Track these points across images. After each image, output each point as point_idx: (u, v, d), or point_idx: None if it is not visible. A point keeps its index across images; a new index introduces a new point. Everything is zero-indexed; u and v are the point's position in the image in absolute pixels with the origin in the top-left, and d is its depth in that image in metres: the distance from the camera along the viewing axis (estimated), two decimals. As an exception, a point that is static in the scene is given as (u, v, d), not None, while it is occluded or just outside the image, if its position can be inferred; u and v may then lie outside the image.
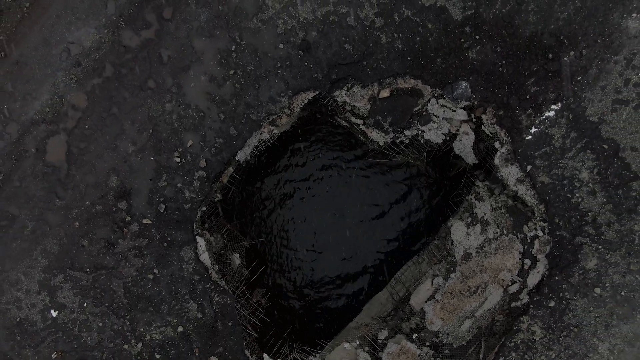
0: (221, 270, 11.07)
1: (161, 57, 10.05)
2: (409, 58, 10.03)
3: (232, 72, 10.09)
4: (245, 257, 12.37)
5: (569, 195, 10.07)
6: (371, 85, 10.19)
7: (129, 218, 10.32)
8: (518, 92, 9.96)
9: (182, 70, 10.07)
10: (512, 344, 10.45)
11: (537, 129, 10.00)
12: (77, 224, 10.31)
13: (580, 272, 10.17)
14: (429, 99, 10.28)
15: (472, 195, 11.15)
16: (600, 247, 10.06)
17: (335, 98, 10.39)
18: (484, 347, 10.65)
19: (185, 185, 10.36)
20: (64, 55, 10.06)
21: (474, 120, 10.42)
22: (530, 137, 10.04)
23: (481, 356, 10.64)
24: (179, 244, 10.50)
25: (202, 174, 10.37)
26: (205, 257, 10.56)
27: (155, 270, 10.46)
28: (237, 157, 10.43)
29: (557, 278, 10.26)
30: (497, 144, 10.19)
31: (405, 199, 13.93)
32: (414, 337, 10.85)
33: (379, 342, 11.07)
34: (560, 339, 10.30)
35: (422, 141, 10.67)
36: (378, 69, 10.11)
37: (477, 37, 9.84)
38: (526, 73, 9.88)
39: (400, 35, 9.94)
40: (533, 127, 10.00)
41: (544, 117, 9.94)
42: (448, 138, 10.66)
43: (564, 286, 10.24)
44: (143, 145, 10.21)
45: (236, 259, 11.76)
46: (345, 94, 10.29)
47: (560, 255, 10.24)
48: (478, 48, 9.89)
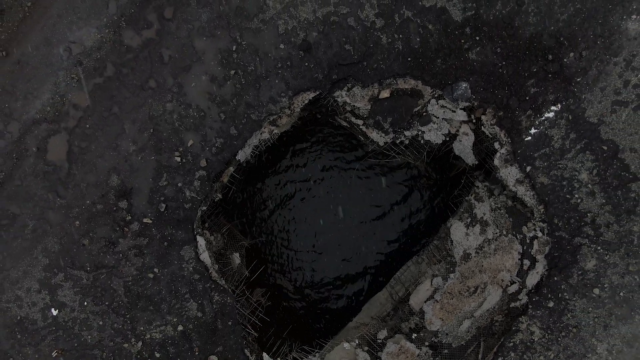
0: (221, 269, 11.09)
1: (162, 56, 10.07)
2: (409, 59, 10.06)
3: (232, 72, 10.11)
4: (245, 256, 12.40)
5: (568, 196, 10.09)
6: (371, 86, 10.21)
7: (130, 217, 10.35)
8: (518, 93, 9.98)
9: (183, 70, 10.09)
10: (511, 344, 10.47)
11: (536, 130, 10.02)
12: (77, 223, 10.34)
13: (579, 272, 10.19)
14: (429, 100, 10.30)
15: (471, 195, 11.17)
16: (599, 248, 10.08)
17: (336, 98, 10.41)
18: (482, 347, 10.66)
19: (185, 185, 10.39)
20: (66, 54, 10.09)
21: (474, 121, 10.44)
22: (529, 138, 10.06)
23: (480, 356, 10.65)
24: (179, 243, 10.53)
25: (203, 173, 10.40)
26: (205, 256, 10.58)
27: (156, 270, 10.48)
28: (238, 157, 10.46)
29: (556, 279, 10.28)
30: (496, 145, 10.22)
31: (405, 200, 13.96)
32: (413, 337, 10.87)
33: (378, 341, 11.09)
34: (559, 339, 10.32)
35: (422, 142, 10.69)
36: (378, 69, 10.13)
37: (477, 38, 9.86)
38: (526, 74, 9.90)
39: (400, 36, 9.96)
40: (533, 128, 10.02)
41: (543, 118, 9.96)
42: (448, 139, 10.68)
43: (562, 287, 10.26)
44: (144, 144, 10.23)
45: (236, 258, 11.78)
46: (346, 94, 10.31)
47: (559, 256, 10.26)
48: (478, 49, 9.91)
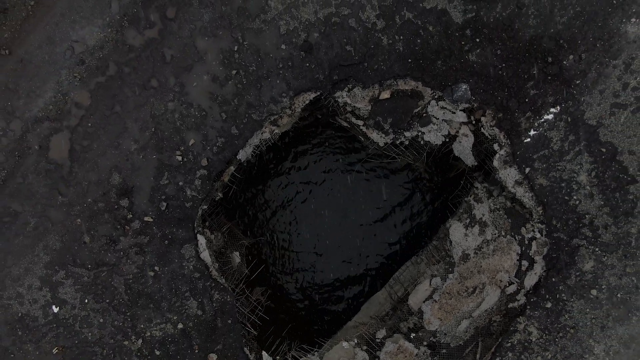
0: (221, 268, 11.14)
1: (164, 56, 10.12)
2: (409, 60, 10.11)
3: (234, 72, 10.16)
4: (245, 255, 12.45)
5: (566, 197, 10.14)
6: (372, 87, 10.25)
7: (131, 215, 10.40)
8: (517, 95, 10.03)
9: (185, 69, 10.14)
10: (509, 344, 10.52)
11: (536, 132, 10.07)
12: (79, 220, 10.39)
13: (577, 274, 10.24)
14: (429, 101, 10.34)
15: (470, 196, 11.21)
16: (597, 249, 10.13)
17: (336, 99, 10.46)
18: (480, 347, 10.71)
19: (186, 184, 10.44)
20: (68, 53, 10.14)
21: (474, 122, 10.48)
22: (529, 139, 10.10)
23: (478, 356, 10.70)
24: (180, 242, 10.58)
25: (204, 172, 10.45)
26: (205, 255, 10.63)
27: (156, 268, 10.53)
28: (239, 156, 10.51)
29: (554, 279, 10.33)
30: (496, 146, 10.26)
31: (404, 201, 14.00)
32: (411, 336, 10.92)
33: (377, 341, 11.13)
34: (557, 339, 10.37)
35: (422, 142, 10.73)
36: (379, 70, 10.18)
37: (478, 40, 9.91)
38: (526, 76, 9.95)
39: (401, 37, 10.01)
40: (532, 130, 10.07)
41: (542, 120, 10.01)
42: (447, 140, 10.71)
43: (560, 288, 10.31)
44: (145, 143, 10.28)
45: (236, 257, 11.83)
46: (346, 94, 10.36)
47: (557, 257, 10.31)
48: (478, 51, 9.96)
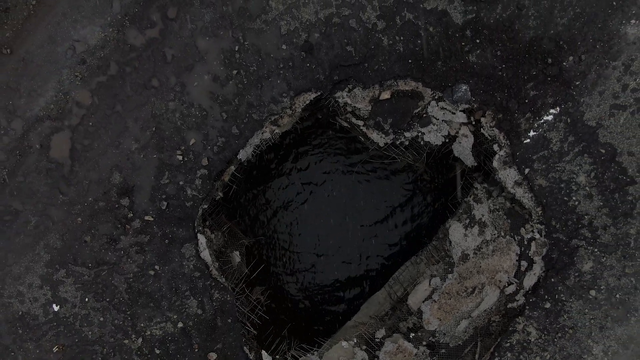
0: (221, 267, 11.17)
1: (165, 56, 10.15)
2: (410, 61, 10.13)
3: (235, 72, 10.19)
4: (245, 255, 12.48)
5: (566, 198, 10.17)
6: (372, 87, 10.28)
7: (131, 215, 10.43)
8: (517, 96, 10.06)
9: (186, 69, 10.17)
10: (508, 344, 10.55)
11: (535, 133, 10.10)
12: (79, 219, 10.42)
13: (576, 274, 10.27)
14: (429, 102, 10.37)
15: (470, 197, 11.24)
16: (596, 250, 10.16)
17: (337, 99, 10.48)
18: (480, 347, 10.74)
19: (187, 183, 10.47)
20: (69, 52, 10.17)
21: (474, 123, 10.51)
22: (528, 140, 10.13)
23: (477, 356, 10.73)
24: (180, 241, 10.61)
25: (204, 172, 10.48)
26: (205, 254, 10.66)
27: (157, 267, 10.57)
28: (239, 156, 10.54)
29: (553, 280, 10.36)
30: (495, 147, 10.29)
31: (404, 201, 14.03)
32: (411, 336, 10.95)
33: (377, 341, 11.16)
34: (555, 340, 10.41)
35: (422, 143, 10.76)
36: (379, 71, 10.21)
37: (478, 41, 9.94)
38: (525, 77, 9.98)
39: (401, 38, 10.04)
40: (532, 131, 10.10)
41: (542, 121, 10.04)
42: (447, 140, 10.74)
43: (559, 288, 10.34)
44: (146, 143, 10.31)
45: (236, 256, 11.86)
46: (347, 95, 10.39)
47: (556, 258, 10.34)
48: (478, 52, 9.99)
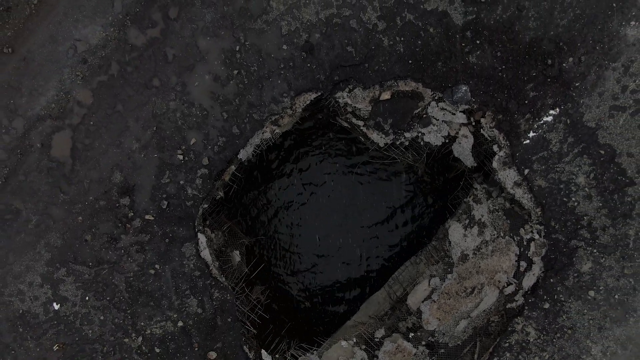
0: (221, 266, 11.19)
1: (166, 56, 10.18)
2: (410, 61, 10.16)
3: (235, 72, 10.22)
4: (245, 254, 12.50)
5: (565, 199, 10.20)
6: (372, 88, 10.31)
7: (132, 214, 10.46)
8: (517, 97, 10.09)
9: (187, 69, 10.20)
10: (507, 344, 10.58)
11: (535, 134, 10.13)
12: (80, 218, 10.45)
13: (575, 275, 10.30)
14: (429, 102, 10.40)
15: (470, 197, 11.27)
16: (595, 250, 10.19)
17: (337, 99, 10.51)
18: (479, 347, 10.77)
19: (187, 183, 10.49)
20: (71, 52, 10.19)
21: (473, 123, 10.53)
22: (528, 141, 10.16)
23: (476, 356, 10.76)
24: (181, 240, 10.63)
25: (205, 171, 10.51)
26: (206, 253, 10.68)
27: (157, 266, 10.59)
28: (239, 156, 10.56)
29: (552, 280, 10.39)
30: (495, 148, 10.32)
31: (404, 202, 14.06)
32: (410, 336, 10.97)
33: (376, 340, 11.19)
34: (554, 340, 10.44)
35: (422, 143, 10.78)
36: (380, 71, 10.23)
37: (478, 42, 9.96)
38: (525, 78, 10.01)
39: (402, 38, 10.06)
40: (531, 132, 10.13)
41: (542, 121, 10.07)
42: (447, 141, 10.77)
43: (558, 288, 10.37)
44: (147, 142, 10.34)
45: (236, 256, 11.89)
46: (347, 95, 10.41)
47: (555, 258, 10.37)
48: (478, 53, 10.01)
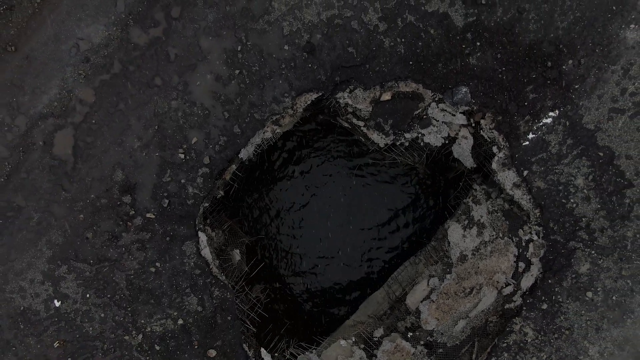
0: (222, 265, 11.24)
1: (168, 55, 10.23)
2: (410, 62, 10.21)
3: (237, 71, 10.27)
4: (245, 253, 12.55)
5: (564, 200, 10.25)
6: (373, 88, 10.36)
7: (133, 212, 10.51)
8: (517, 99, 10.14)
9: (189, 68, 10.25)
10: (505, 344, 10.63)
11: (534, 135, 10.18)
12: (82, 216, 10.50)
13: (573, 276, 10.35)
14: (430, 103, 10.44)
15: (469, 198, 11.31)
16: (593, 252, 10.24)
17: (338, 100, 10.55)
18: (477, 347, 10.81)
19: (188, 181, 10.55)
20: (73, 51, 10.25)
21: (473, 124, 10.58)
22: (527, 142, 10.21)
23: (474, 356, 10.80)
24: (181, 239, 10.69)
25: (206, 170, 10.56)
26: (206, 252, 10.73)
27: (158, 264, 10.65)
28: (240, 155, 10.62)
29: (550, 281, 10.44)
30: (495, 149, 10.37)
31: (404, 203, 14.12)
32: (408, 335, 11.02)
33: (375, 339, 11.23)
34: (552, 341, 10.49)
35: (422, 144, 10.83)
36: (380, 72, 10.28)
37: (478, 43, 10.01)
38: (525, 80, 10.05)
39: (402, 40, 10.11)
40: (530, 133, 10.18)
41: (541, 123, 10.12)
42: (447, 142, 10.81)
43: (556, 289, 10.42)
44: (148, 141, 10.39)
45: (236, 255, 11.94)
46: (348, 96, 10.46)
47: (554, 259, 10.42)
48: (479, 54, 10.06)
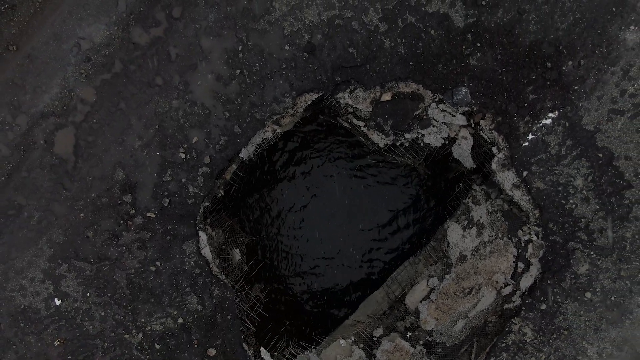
0: (222, 264, 11.27)
1: (169, 55, 10.26)
2: (411, 63, 10.23)
3: (238, 71, 10.29)
4: (245, 252, 12.58)
5: (563, 201, 10.28)
6: (373, 89, 10.38)
7: (134, 211, 10.54)
8: (516, 100, 10.16)
9: (190, 68, 10.27)
10: (504, 344, 10.66)
11: (534, 136, 10.20)
12: (82, 215, 10.53)
13: (572, 276, 10.38)
14: (430, 104, 10.47)
15: (469, 198, 11.33)
16: (592, 252, 10.27)
17: (338, 100, 10.58)
18: (476, 347, 10.84)
19: (189, 181, 10.57)
20: (75, 50, 10.27)
21: (473, 125, 10.61)
22: (527, 143, 10.24)
23: (473, 356, 10.83)
24: (182, 238, 10.72)
25: (206, 170, 10.59)
26: (206, 251, 10.76)
27: (158, 263, 10.67)
28: (241, 155, 10.64)
29: (549, 282, 10.47)
30: (494, 150, 10.39)
31: (404, 202, 14.14)
32: (408, 335, 11.04)
33: (374, 339, 11.26)
34: (551, 341, 10.51)
35: (422, 144, 10.85)
36: (381, 72, 10.31)
37: (478, 44, 10.04)
38: (525, 81, 10.08)
39: (403, 40, 10.14)
40: (530, 134, 10.20)
41: (541, 124, 10.14)
42: (447, 142, 10.84)
43: (555, 290, 10.45)
44: (149, 140, 10.42)
45: (236, 254, 11.96)
46: (348, 96, 10.48)
47: (553, 260, 10.45)
48: (479, 55, 10.09)
